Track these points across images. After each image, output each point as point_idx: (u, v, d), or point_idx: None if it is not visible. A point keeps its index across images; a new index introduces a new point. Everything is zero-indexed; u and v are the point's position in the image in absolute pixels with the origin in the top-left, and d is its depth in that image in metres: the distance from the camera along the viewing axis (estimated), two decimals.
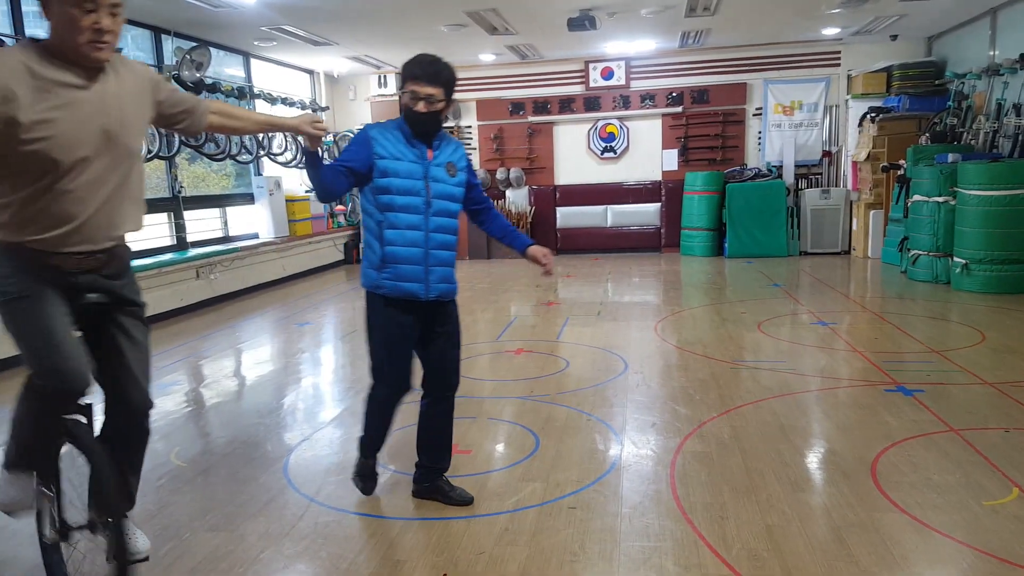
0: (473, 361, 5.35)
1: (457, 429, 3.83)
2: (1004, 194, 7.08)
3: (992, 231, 7.15)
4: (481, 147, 12.17)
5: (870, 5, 8.39)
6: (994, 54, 8.76)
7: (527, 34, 9.45)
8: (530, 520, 2.84)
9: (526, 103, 11.91)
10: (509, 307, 7.64)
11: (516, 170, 11.98)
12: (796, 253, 10.81)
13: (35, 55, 1.99)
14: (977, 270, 7.28)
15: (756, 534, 2.69)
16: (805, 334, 5.93)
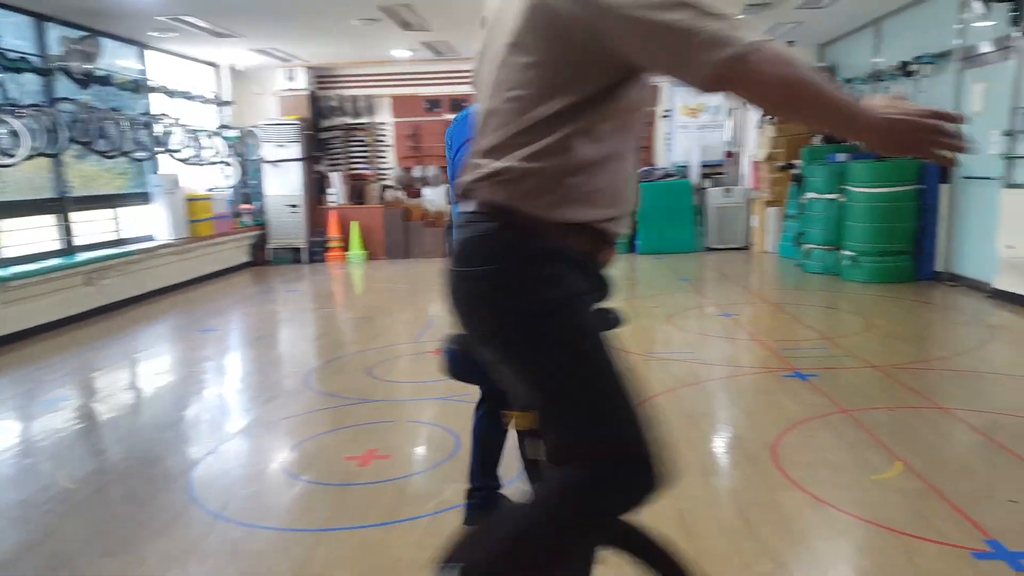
0: (392, 363, 5.35)
1: (375, 433, 3.86)
2: (887, 191, 7.59)
3: (877, 225, 7.66)
4: (397, 145, 12.08)
5: (769, 12, 8.80)
6: (878, 61, 9.36)
7: (442, 31, 9.45)
8: (451, 522, 2.86)
9: (443, 101, 11.90)
10: (428, 307, 7.65)
11: (433, 168, 11.95)
12: (702, 249, 11.24)
13: None
14: (864, 262, 7.78)
15: (668, 520, 2.81)
16: (711, 326, 6.20)
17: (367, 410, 4.29)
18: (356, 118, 12.03)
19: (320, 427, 4.05)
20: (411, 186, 12.04)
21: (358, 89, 12.00)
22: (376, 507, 3.02)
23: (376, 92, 11.98)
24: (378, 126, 12.09)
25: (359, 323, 6.88)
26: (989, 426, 3.63)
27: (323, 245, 11.64)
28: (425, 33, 9.46)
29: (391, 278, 9.68)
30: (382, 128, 12.11)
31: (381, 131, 12.11)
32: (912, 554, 2.50)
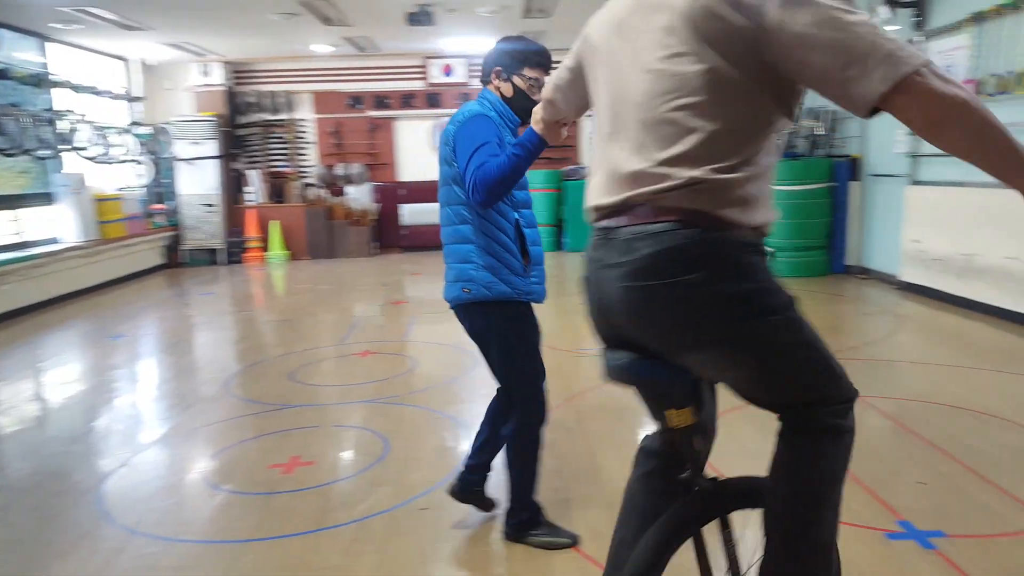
0: (316, 366, 5.22)
1: (299, 439, 3.76)
2: (802, 188, 7.88)
3: (792, 222, 7.94)
4: (319, 141, 11.83)
5: None
6: None
7: (364, 26, 9.29)
8: (380, 526, 2.82)
9: (365, 97, 11.72)
10: (354, 307, 7.51)
11: (357, 166, 11.76)
12: None
13: None
14: (783, 257, 8.06)
15: (598, 513, 2.84)
16: None
17: (290, 415, 4.17)
18: (275, 114, 11.71)
19: (241, 434, 3.91)
20: (334, 184, 11.81)
21: (277, 85, 11.69)
22: (302, 515, 2.94)
23: (296, 88, 11.70)
24: (299, 123, 11.81)
25: (281, 326, 6.69)
26: (898, 412, 3.81)
27: (241, 246, 11.29)
28: (346, 28, 9.28)
29: (314, 279, 9.46)
30: (303, 125, 11.83)
31: (302, 128, 11.83)
32: None
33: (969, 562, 2.38)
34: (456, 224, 2.54)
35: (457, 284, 2.55)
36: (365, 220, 11.57)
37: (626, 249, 1.45)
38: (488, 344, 2.61)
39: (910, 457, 3.25)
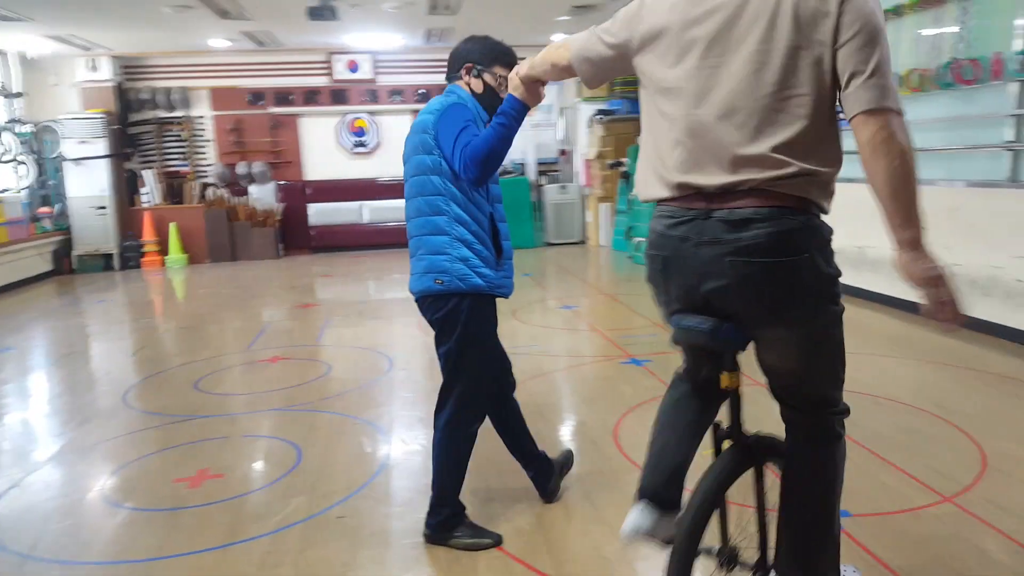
0: (222, 375, 5.01)
1: (206, 452, 3.60)
2: None
3: None
4: (218, 139, 11.38)
5: (593, 15, 9.16)
6: None
7: (263, 20, 8.99)
8: (296, 538, 2.73)
9: (267, 93, 11.36)
10: (261, 312, 7.26)
11: (260, 164, 11.37)
12: (542, 244, 11.54)
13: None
14: None
15: (521, 511, 2.84)
16: (553, 318, 6.37)
17: (196, 427, 3.98)
18: (170, 111, 11.20)
19: (143, 449, 3.71)
20: (235, 183, 11.39)
21: (172, 80, 11.17)
22: (211, 530, 2.81)
23: (193, 84, 11.22)
24: (196, 120, 11.33)
25: (182, 333, 6.39)
26: None
27: (138, 250, 10.74)
28: (245, 22, 8.97)
29: (217, 283, 9.10)
30: (200, 122, 11.35)
31: (199, 125, 11.35)
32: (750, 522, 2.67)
33: (872, 539, 2.51)
34: (428, 215, 2.52)
35: (428, 276, 2.52)
36: (270, 221, 11.21)
37: (736, 228, 1.58)
38: (449, 339, 2.57)
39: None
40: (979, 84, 5.12)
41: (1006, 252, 4.84)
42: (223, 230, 11.01)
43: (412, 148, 2.56)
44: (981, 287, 5.06)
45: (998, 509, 2.68)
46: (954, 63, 5.26)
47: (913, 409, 3.76)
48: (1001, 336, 4.93)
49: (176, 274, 10.15)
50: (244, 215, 11.16)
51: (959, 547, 2.45)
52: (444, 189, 2.49)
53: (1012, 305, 4.85)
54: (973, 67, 5.09)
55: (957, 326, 1.57)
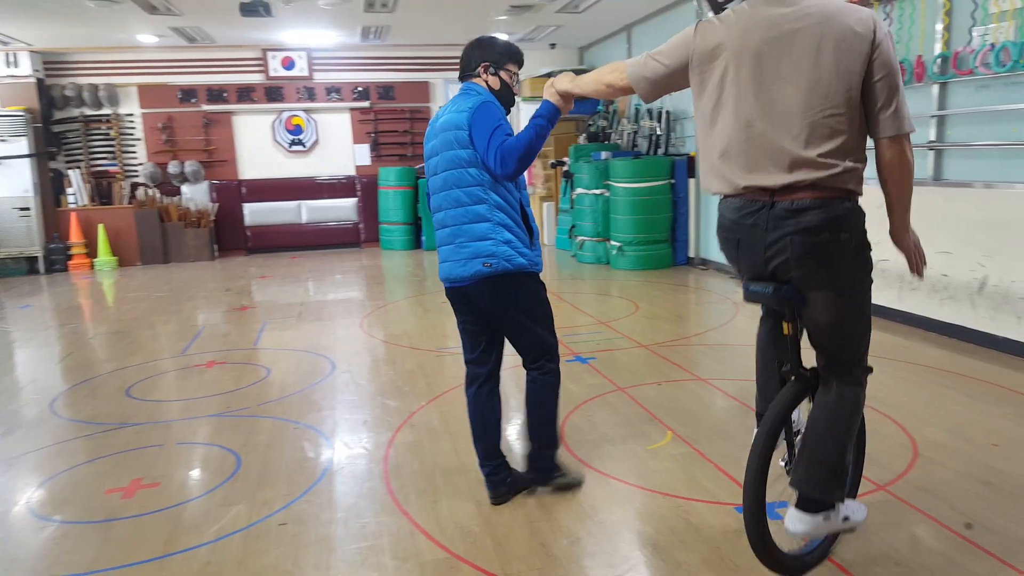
0: (155, 381, 4.85)
1: (140, 461, 3.47)
2: (645, 186, 8.29)
3: (638, 217, 8.34)
4: (147, 138, 11.00)
5: (531, 15, 9.19)
6: None
7: (194, 16, 8.72)
8: (236, 547, 2.66)
9: (199, 90, 11.03)
10: (195, 316, 7.04)
11: (192, 163, 11.04)
12: None
13: None
14: (629, 251, 8.43)
15: (467, 512, 2.83)
16: None
17: (129, 435, 3.84)
18: (97, 109, 10.77)
19: (73, 459, 3.55)
20: (167, 183, 11.03)
21: (98, 77, 10.75)
22: (148, 541, 2.71)
23: (120, 80, 10.82)
24: (124, 118, 10.93)
25: (113, 339, 6.15)
26: (740, 392, 4.08)
27: (64, 252, 10.31)
28: (174, 18, 8.69)
29: (148, 286, 8.79)
30: (129, 120, 10.96)
31: (128, 123, 10.96)
32: (687, 515, 2.72)
33: None
34: (468, 205, 2.74)
35: (476, 260, 2.73)
36: (204, 222, 10.90)
37: (795, 214, 2.05)
38: (505, 313, 2.83)
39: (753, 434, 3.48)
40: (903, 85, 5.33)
41: (931, 248, 5.02)
42: (155, 231, 10.65)
43: (443, 143, 2.77)
44: (908, 282, 5.27)
45: (929, 496, 2.79)
46: None
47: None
48: (928, 329, 5.14)
49: (105, 277, 9.77)
50: (176, 216, 10.82)
51: (893, 533, 2.54)
52: (483, 179, 2.72)
53: (937, 299, 5.06)
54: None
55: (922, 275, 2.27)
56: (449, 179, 2.77)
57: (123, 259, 10.60)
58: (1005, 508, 2.68)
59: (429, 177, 2.89)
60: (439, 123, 2.84)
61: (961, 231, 4.83)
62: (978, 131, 4.84)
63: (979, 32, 4.72)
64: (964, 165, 4.97)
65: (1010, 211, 4.52)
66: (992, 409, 3.69)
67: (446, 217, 2.81)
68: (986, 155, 4.83)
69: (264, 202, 11.44)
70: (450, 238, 2.81)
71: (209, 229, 10.92)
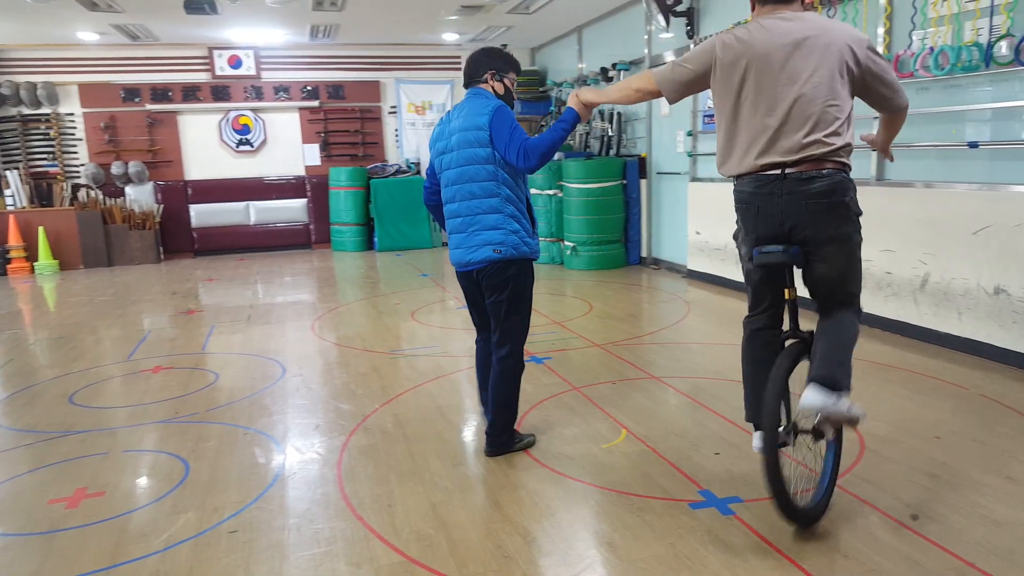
0: (100, 387, 4.70)
1: (84, 469, 3.37)
2: (597, 186, 8.36)
3: (591, 218, 8.40)
4: (88, 138, 10.68)
5: (482, 15, 9.19)
6: (582, 66, 10.25)
7: (136, 13, 8.50)
8: (185, 556, 2.59)
9: (142, 89, 10.76)
10: (141, 320, 6.85)
11: (136, 164, 10.75)
12: (439, 245, 11.47)
13: None
14: (583, 251, 8.49)
15: (422, 515, 2.81)
16: (453, 319, 6.34)
17: (72, 443, 3.72)
18: (36, 108, 10.41)
19: (14, 469, 3.42)
20: (110, 184, 10.72)
21: (36, 75, 10.40)
22: (93, 552, 2.63)
23: (60, 79, 10.48)
24: (64, 117, 10.59)
25: (55, 344, 5.95)
26: (692, 389, 4.14)
27: (2, 256, 9.93)
28: (116, 15, 8.46)
29: (92, 290, 8.52)
30: (70, 119, 10.63)
31: (69, 123, 10.62)
32: (642, 512, 2.75)
33: (762, 523, 2.63)
34: (482, 198, 3.09)
35: (487, 247, 3.09)
36: (149, 223, 10.62)
37: (804, 183, 2.49)
38: (503, 293, 3.15)
39: (705, 431, 3.54)
40: None
41: (875, 246, 5.20)
42: (98, 234, 10.34)
43: (461, 142, 3.10)
44: None
45: (875, 489, 2.87)
46: None
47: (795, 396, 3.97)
48: (871, 325, 5.29)
49: (46, 281, 9.44)
50: (120, 218, 10.52)
51: (842, 526, 2.60)
52: (497, 176, 3.07)
53: (881, 296, 5.21)
54: None
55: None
56: (465, 174, 3.10)
57: (65, 262, 10.27)
58: (948, 499, 2.77)
59: (442, 171, 3.21)
60: (453, 124, 3.15)
61: (903, 230, 4.99)
62: (918, 132, 4.99)
63: (919, 36, 4.87)
64: (905, 166, 5.13)
65: (949, 210, 4.67)
66: (935, 403, 3.81)
67: (459, 208, 3.15)
68: (926, 156, 5.00)
69: (211, 203, 11.21)
70: (462, 227, 3.15)
71: (154, 231, 10.65)
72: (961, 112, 4.68)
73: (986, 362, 4.42)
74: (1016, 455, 3.13)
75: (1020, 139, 4.35)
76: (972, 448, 3.22)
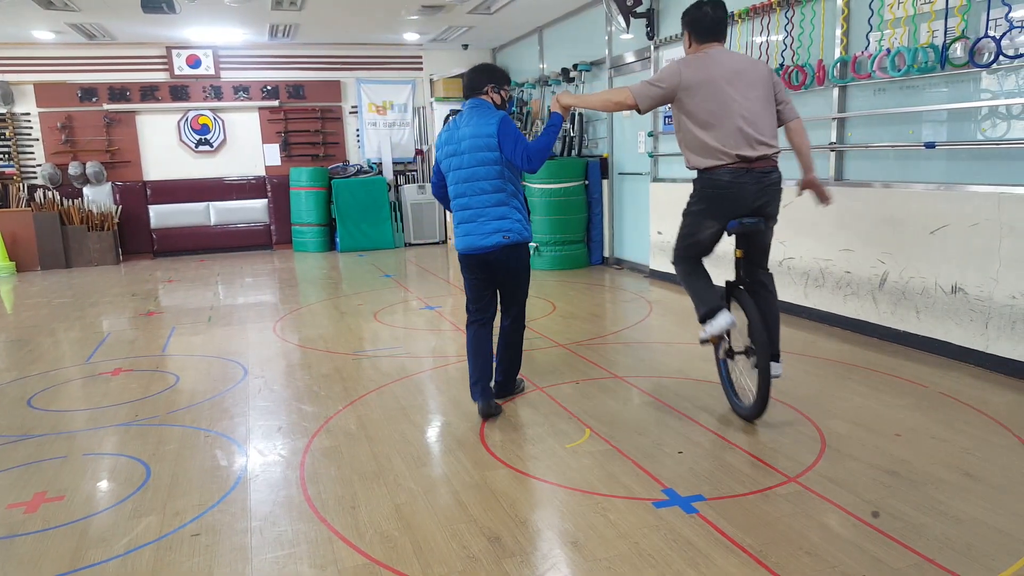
0: (58, 390, 4.60)
1: (43, 473, 3.32)
2: (559, 187, 8.41)
3: (554, 218, 8.45)
4: (45, 138, 10.44)
5: (443, 15, 9.19)
6: (543, 67, 10.30)
7: (93, 12, 8.33)
8: (146, 560, 2.56)
9: (99, 89, 10.54)
10: (100, 322, 6.72)
11: (94, 164, 10.54)
12: (402, 245, 11.44)
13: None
14: (545, 251, 8.54)
15: (386, 516, 2.81)
16: (416, 319, 6.33)
17: (30, 447, 3.64)
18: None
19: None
20: (67, 185, 10.48)
21: None
22: (53, 557, 2.58)
23: (14, 78, 10.23)
24: (20, 117, 10.33)
25: (11, 347, 5.81)
26: (655, 388, 4.20)
27: None
28: (72, 13, 8.28)
29: (49, 292, 8.33)
30: (26, 119, 10.37)
31: (24, 123, 10.36)
32: (606, 511, 2.78)
33: (726, 520, 2.67)
34: (490, 193, 3.67)
35: (497, 234, 3.67)
36: (107, 224, 10.41)
37: (765, 174, 3.40)
38: (513, 273, 3.80)
39: (668, 429, 3.58)
40: (805, 89, 5.59)
41: (834, 246, 5.32)
42: (55, 235, 10.11)
43: (472, 147, 3.65)
44: (813, 279, 5.53)
45: (837, 487, 2.91)
46: (783, 69, 5.71)
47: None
48: (832, 324, 5.41)
49: (2, 283, 9.20)
50: (78, 219, 10.30)
51: (805, 524, 2.63)
52: (503, 175, 3.66)
53: (840, 295, 5.33)
54: (800, 73, 5.55)
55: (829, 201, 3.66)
56: (476, 173, 3.66)
57: (21, 264, 10.03)
58: (908, 496, 2.81)
59: (450, 171, 3.76)
60: (462, 131, 3.69)
61: (862, 230, 5.10)
62: (876, 133, 5.11)
63: (875, 37, 4.97)
64: (864, 166, 5.25)
65: (906, 210, 4.78)
66: (894, 401, 3.88)
67: (470, 201, 3.70)
68: (884, 156, 5.11)
69: (170, 204, 11.04)
70: (473, 217, 3.70)
71: (113, 232, 10.45)
72: (918, 113, 4.77)
73: (944, 360, 4.52)
74: (975, 452, 3.21)
75: (976, 140, 4.45)
76: (931, 445, 3.29)
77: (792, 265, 5.67)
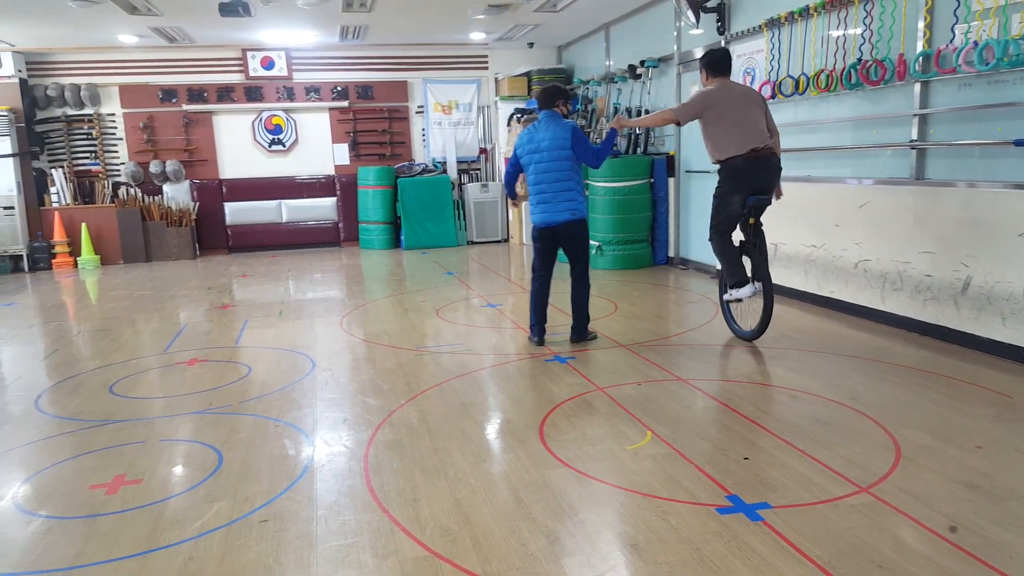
0: (138, 378, 4.82)
1: (123, 457, 3.47)
2: (623, 185, 8.33)
3: (617, 217, 8.37)
4: (128, 137, 10.93)
5: (509, 14, 9.21)
6: (609, 64, 10.22)
7: (173, 16, 8.67)
8: (217, 543, 2.66)
9: (179, 90, 10.97)
10: (177, 314, 7.00)
11: (173, 162, 10.98)
12: (464, 243, 11.53)
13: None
14: (608, 250, 8.47)
15: (446, 510, 2.84)
16: (477, 316, 6.38)
17: (112, 432, 3.83)
18: (79, 108, 10.68)
19: (57, 455, 3.53)
20: (148, 182, 10.96)
21: (80, 77, 10.68)
22: (130, 536, 2.71)
23: (101, 80, 10.74)
24: (106, 117, 10.85)
25: (96, 336, 6.11)
26: (719, 392, 4.12)
27: (48, 251, 10.24)
28: (154, 18, 8.64)
29: (131, 284, 8.73)
30: (111, 120, 10.88)
31: (110, 123, 10.88)
32: (667, 515, 2.74)
33: (792, 530, 2.59)
34: (563, 181, 4.96)
35: (566, 212, 4.95)
36: (185, 221, 10.83)
37: (769, 160, 4.82)
38: (576, 242, 5.09)
39: (733, 435, 3.51)
40: (884, 84, 5.38)
41: (913, 248, 5.10)
42: (137, 230, 10.59)
43: (551, 147, 4.93)
44: (891, 282, 5.32)
45: (912, 499, 2.78)
46: (860, 64, 5.52)
47: (827, 401, 3.91)
48: (909, 329, 5.19)
49: (88, 275, 9.68)
50: (158, 215, 10.75)
51: (877, 536, 2.53)
52: (573, 168, 4.99)
53: (920, 299, 5.10)
54: (879, 67, 5.35)
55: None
56: (553, 167, 4.94)
57: (105, 258, 10.54)
58: (989, 511, 2.68)
59: (531, 164, 5.03)
60: (541, 135, 4.97)
61: (944, 232, 4.88)
62: (960, 130, 4.89)
63: (962, 30, 4.73)
64: (947, 164, 5.02)
65: (993, 211, 4.54)
66: (975, 411, 3.70)
67: (548, 187, 4.97)
68: (968, 154, 4.86)
69: (244, 201, 11.40)
70: (549, 199, 4.97)
71: (190, 228, 10.87)
72: (1007, 109, 4.51)
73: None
74: None
75: None
76: (1015, 459, 3.13)
77: (868, 267, 5.46)
